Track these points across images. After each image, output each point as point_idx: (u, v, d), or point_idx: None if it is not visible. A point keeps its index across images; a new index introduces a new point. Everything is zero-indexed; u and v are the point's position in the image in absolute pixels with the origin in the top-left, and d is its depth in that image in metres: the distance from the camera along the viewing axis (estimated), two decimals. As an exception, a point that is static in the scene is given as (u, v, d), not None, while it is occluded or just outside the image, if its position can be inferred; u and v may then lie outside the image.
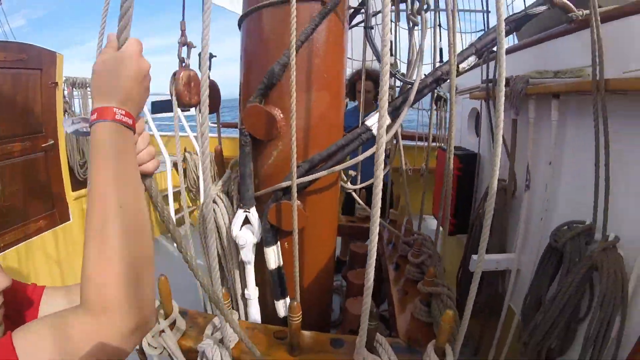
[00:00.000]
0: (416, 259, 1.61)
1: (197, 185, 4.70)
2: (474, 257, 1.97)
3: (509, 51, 2.15)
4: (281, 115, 1.31)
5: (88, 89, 4.05)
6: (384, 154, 0.78)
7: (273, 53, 1.28)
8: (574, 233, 1.47)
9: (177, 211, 4.86)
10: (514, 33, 2.14)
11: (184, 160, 4.55)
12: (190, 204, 5.19)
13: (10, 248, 2.97)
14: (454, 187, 2.52)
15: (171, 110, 5.37)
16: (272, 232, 1.36)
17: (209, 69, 1.77)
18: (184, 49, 1.67)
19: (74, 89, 3.93)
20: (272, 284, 1.41)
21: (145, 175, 0.68)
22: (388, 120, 1.36)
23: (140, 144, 0.66)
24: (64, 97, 3.54)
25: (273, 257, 1.38)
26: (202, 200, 1.67)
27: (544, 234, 1.70)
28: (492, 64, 2.16)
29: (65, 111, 3.51)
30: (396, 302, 1.49)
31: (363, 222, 2.34)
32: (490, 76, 2.13)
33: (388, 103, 1.35)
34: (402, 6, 1.61)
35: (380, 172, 0.78)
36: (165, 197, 4.17)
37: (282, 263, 1.41)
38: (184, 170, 4.64)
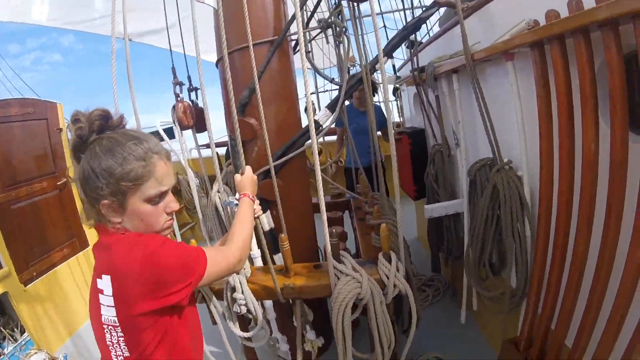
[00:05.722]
0: (371, 208, 2.25)
1: (193, 203, 5.37)
2: (426, 207, 2.61)
3: (425, 46, 2.85)
4: (256, 122, 1.97)
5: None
6: (317, 148, 1.44)
7: (244, 81, 1.95)
8: (480, 165, 2.02)
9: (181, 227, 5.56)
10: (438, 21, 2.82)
11: (178, 182, 5.21)
12: (191, 220, 5.85)
13: (41, 277, 3.61)
14: (409, 160, 3.16)
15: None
16: (264, 203, 1.99)
17: (196, 98, 2.46)
18: (177, 87, 2.32)
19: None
20: (268, 242, 2.04)
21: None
22: (330, 114, 2.02)
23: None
24: (69, 139, 4.21)
25: (266, 221, 2.02)
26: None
27: (468, 177, 2.33)
28: (419, 55, 2.83)
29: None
30: (361, 241, 2.17)
31: (336, 198, 3.03)
32: (415, 66, 2.81)
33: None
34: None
35: (317, 162, 1.43)
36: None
37: (273, 225, 2.04)
38: (179, 192, 5.31)
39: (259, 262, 2.08)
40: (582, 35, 1.23)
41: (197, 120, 2.35)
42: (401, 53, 4.47)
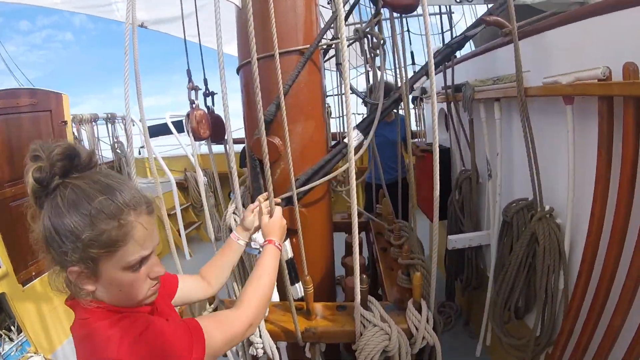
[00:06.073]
0: (397, 241, 2.13)
1: (200, 201, 5.20)
2: (450, 237, 2.49)
3: (460, 61, 2.68)
4: (280, 141, 1.81)
5: (93, 123, 4.58)
6: (354, 167, 1.30)
7: (267, 94, 1.78)
8: (518, 208, 1.95)
9: (186, 226, 5.37)
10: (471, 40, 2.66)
11: (186, 179, 5.02)
12: (197, 219, 5.71)
13: (40, 277, 3.52)
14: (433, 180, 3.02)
15: (164, 134, 5.79)
16: (283, 231, 1.86)
17: (213, 105, 2.30)
18: (192, 92, 2.16)
19: (81, 125, 4.46)
20: (287, 272, 1.91)
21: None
22: (361, 137, 1.88)
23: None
24: (74, 133, 4.08)
25: (285, 250, 1.89)
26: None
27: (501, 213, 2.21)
28: (449, 70, 2.68)
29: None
30: (385, 276, 2.02)
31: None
32: (449, 82, 2.65)
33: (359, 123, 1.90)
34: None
35: (353, 181, 1.30)
36: (174, 214, 4.70)
37: (292, 255, 1.91)
38: (187, 189, 5.11)
39: (274, 294, 1.97)
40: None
41: (213, 130, 2.20)
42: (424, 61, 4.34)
